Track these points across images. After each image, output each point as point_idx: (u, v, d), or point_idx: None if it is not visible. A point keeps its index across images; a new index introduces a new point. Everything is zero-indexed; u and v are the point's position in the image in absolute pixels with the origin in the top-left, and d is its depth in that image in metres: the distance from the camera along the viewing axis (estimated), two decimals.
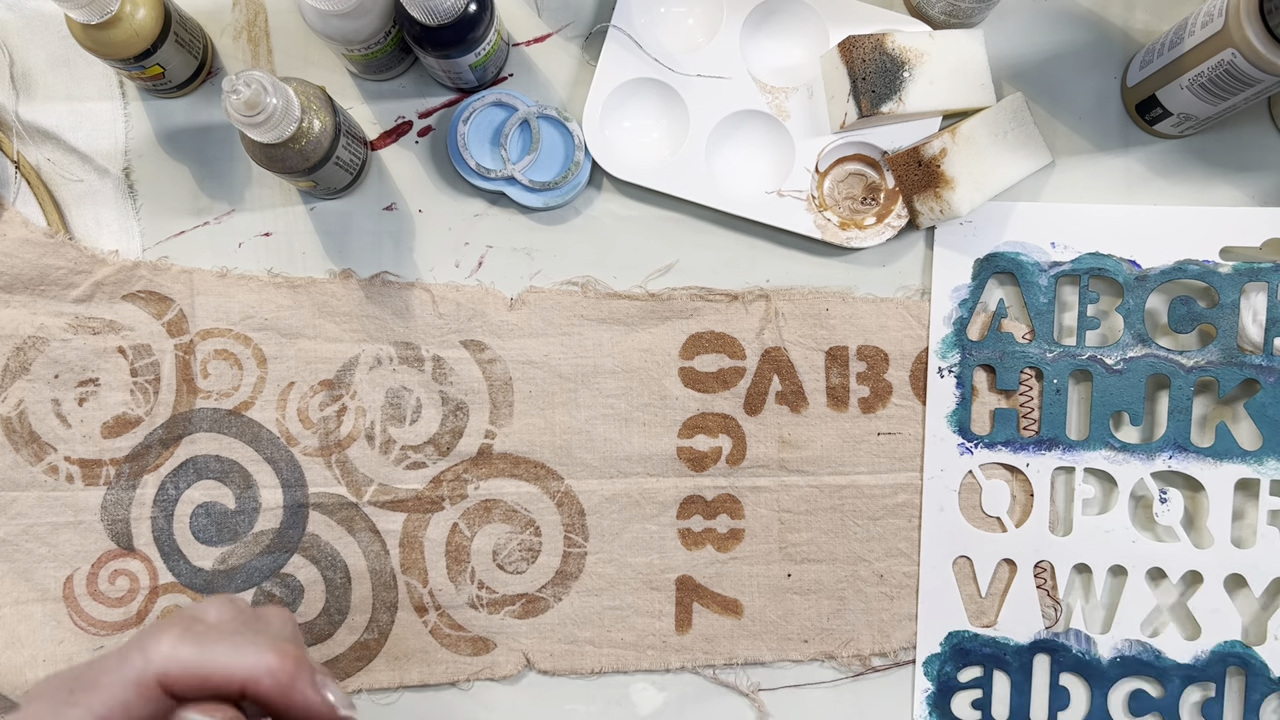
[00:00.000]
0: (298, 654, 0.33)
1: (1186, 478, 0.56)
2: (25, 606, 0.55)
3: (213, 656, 0.32)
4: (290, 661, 0.32)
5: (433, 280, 0.56)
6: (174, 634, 0.32)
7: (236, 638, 0.33)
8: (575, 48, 0.57)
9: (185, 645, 0.32)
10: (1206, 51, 0.49)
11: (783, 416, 0.56)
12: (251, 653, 0.32)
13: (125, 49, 0.49)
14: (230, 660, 0.32)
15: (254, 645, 0.33)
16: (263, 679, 0.32)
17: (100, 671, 0.32)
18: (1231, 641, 0.55)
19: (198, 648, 0.32)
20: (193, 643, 0.32)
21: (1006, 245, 0.56)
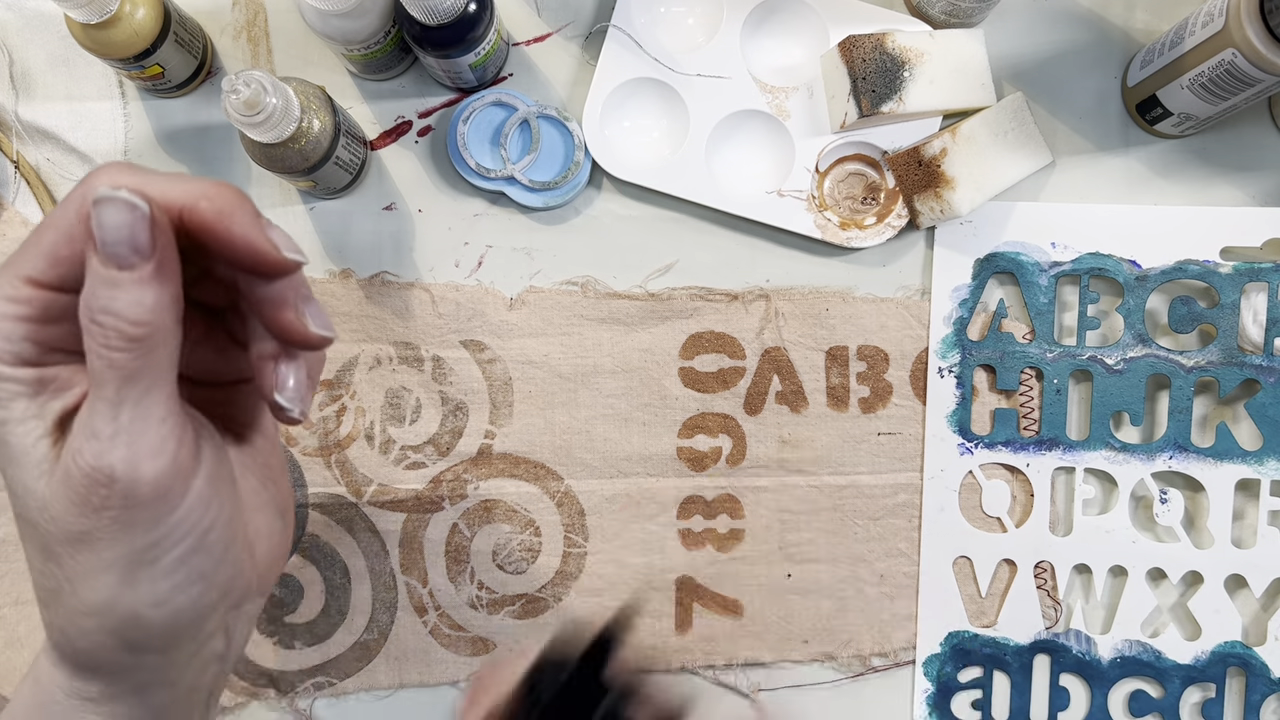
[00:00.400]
0: (241, 192, 0.31)
1: (1187, 478, 0.56)
2: (26, 606, 0.55)
3: (151, 181, 0.30)
4: (231, 191, 0.31)
5: (432, 280, 0.56)
6: (112, 167, 0.31)
7: (177, 174, 0.32)
8: (575, 47, 0.57)
9: (124, 174, 0.30)
10: (1207, 51, 0.48)
11: (783, 416, 0.56)
12: (192, 182, 0.31)
13: (125, 49, 0.49)
14: (168, 186, 0.30)
15: (196, 179, 0.31)
16: (200, 203, 0.30)
17: (47, 219, 0.31)
18: (1232, 642, 0.55)
19: (137, 176, 0.30)
20: (132, 173, 0.31)
21: (1007, 245, 0.56)
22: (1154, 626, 0.56)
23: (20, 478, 0.32)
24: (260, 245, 0.31)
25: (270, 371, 0.34)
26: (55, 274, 0.31)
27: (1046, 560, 0.56)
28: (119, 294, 0.29)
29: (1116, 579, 0.56)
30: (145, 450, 0.30)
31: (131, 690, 0.35)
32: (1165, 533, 0.56)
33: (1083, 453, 0.55)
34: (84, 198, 0.30)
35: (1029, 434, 0.56)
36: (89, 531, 0.31)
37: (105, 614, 0.32)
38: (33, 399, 0.32)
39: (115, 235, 0.29)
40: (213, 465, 0.33)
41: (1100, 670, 0.55)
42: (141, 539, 0.31)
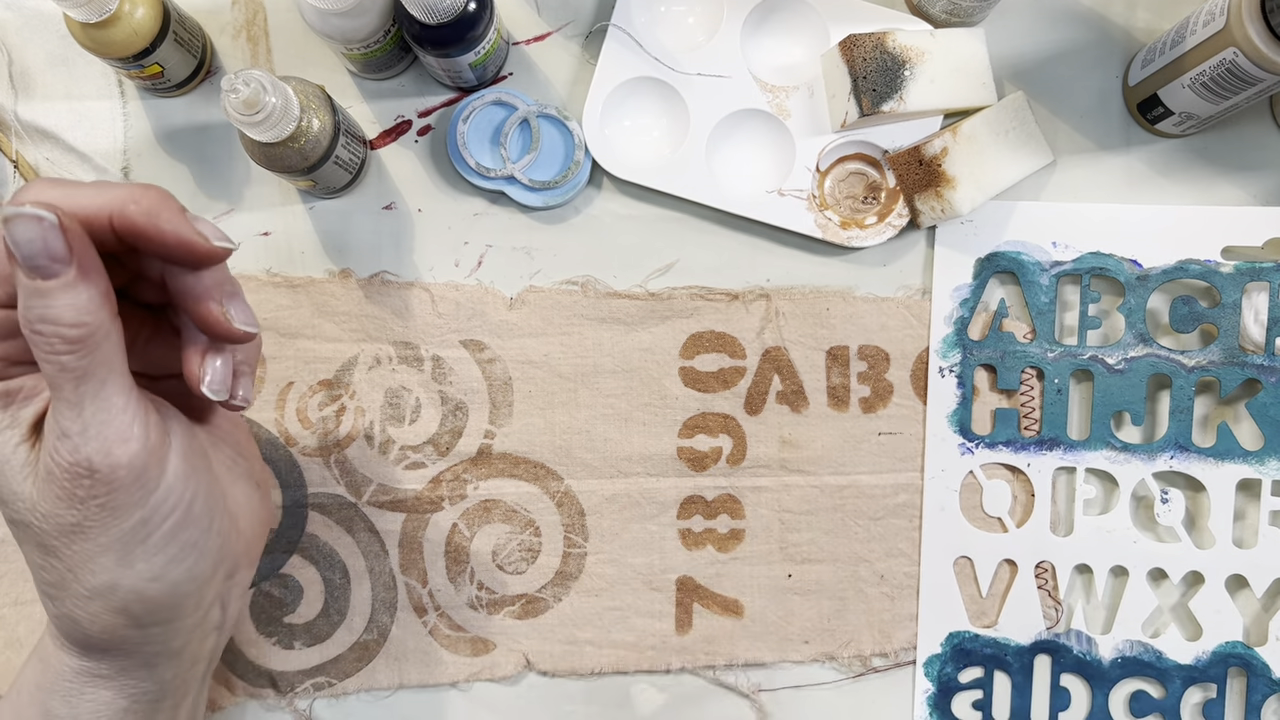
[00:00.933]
0: (166, 192, 0.33)
1: (1188, 478, 0.56)
2: (25, 607, 0.55)
3: (78, 193, 0.32)
4: (156, 192, 0.32)
5: (432, 280, 0.56)
6: (39, 183, 0.32)
7: (103, 183, 0.33)
8: (575, 46, 0.56)
9: (51, 189, 0.32)
10: (1208, 50, 0.48)
11: (783, 416, 0.56)
12: (119, 188, 0.32)
13: (124, 48, 0.49)
14: (94, 195, 0.32)
15: (122, 185, 0.32)
16: (127, 206, 0.31)
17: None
18: (1233, 642, 0.55)
19: (64, 190, 0.32)
20: (55, 187, 0.32)
21: (1008, 245, 0.56)
22: (1155, 627, 0.56)
23: (6, 483, 0.33)
24: (189, 237, 0.32)
25: (197, 364, 0.35)
26: (4, 292, 0.32)
27: (1047, 560, 0.56)
28: (50, 301, 0.31)
29: (1117, 579, 0.56)
30: (114, 438, 0.32)
31: (140, 664, 0.37)
32: (1166, 533, 0.56)
33: (1084, 452, 0.55)
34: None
35: (1030, 434, 0.56)
36: (79, 522, 0.32)
37: (109, 595, 0.34)
38: (4, 410, 0.33)
39: (31, 248, 0.30)
40: (184, 442, 0.35)
41: (1101, 670, 0.55)
42: (129, 520, 0.33)
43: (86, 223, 0.31)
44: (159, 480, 0.33)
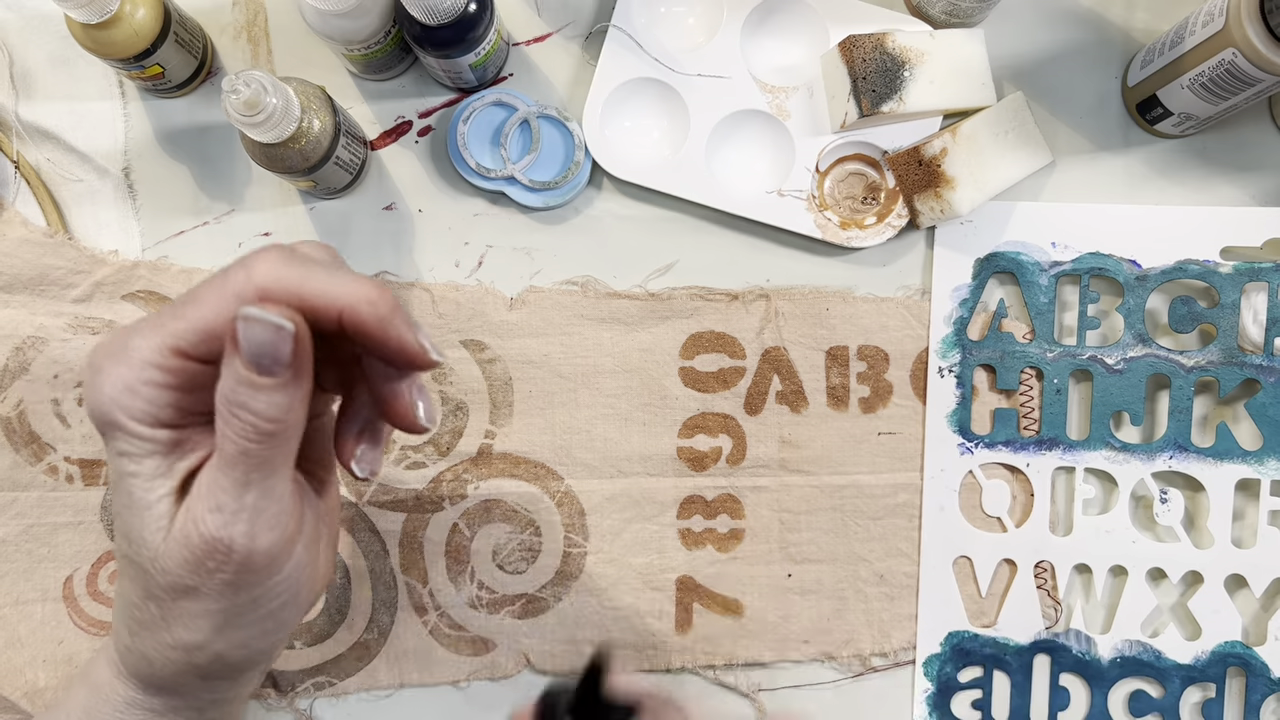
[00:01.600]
0: (391, 296, 0.33)
1: (1187, 478, 0.56)
2: (26, 607, 0.55)
3: (314, 279, 0.32)
4: (389, 296, 0.32)
5: (432, 280, 0.56)
6: (276, 255, 0.32)
7: (335, 268, 0.33)
8: (575, 47, 0.57)
9: (288, 267, 0.32)
10: (1207, 51, 0.48)
11: (783, 416, 0.56)
12: (351, 282, 0.32)
13: (125, 49, 0.49)
14: (330, 286, 0.32)
15: (353, 277, 0.33)
16: (361, 306, 0.32)
17: (204, 289, 0.32)
18: (1232, 642, 0.55)
19: (301, 270, 0.32)
20: (295, 265, 0.32)
21: (1007, 245, 0.56)
22: (1154, 626, 0.56)
23: (137, 528, 0.33)
24: (412, 347, 0.33)
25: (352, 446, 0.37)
26: (203, 349, 0.32)
27: (1046, 560, 0.56)
28: (258, 395, 0.31)
29: (1116, 579, 0.56)
30: (263, 525, 0.33)
31: (193, 706, 0.38)
32: (1165, 532, 0.56)
33: (1083, 452, 0.55)
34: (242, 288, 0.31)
35: (1029, 434, 0.56)
36: (197, 587, 0.33)
37: (194, 653, 0.35)
38: (164, 458, 0.33)
39: (259, 350, 0.31)
40: (310, 527, 0.36)
41: (1100, 670, 0.55)
42: (245, 597, 0.34)
43: (316, 312, 0.32)
44: (284, 566, 0.34)
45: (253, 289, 0.31)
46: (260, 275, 0.31)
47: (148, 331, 0.32)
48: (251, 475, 0.32)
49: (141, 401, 0.32)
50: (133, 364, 0.32)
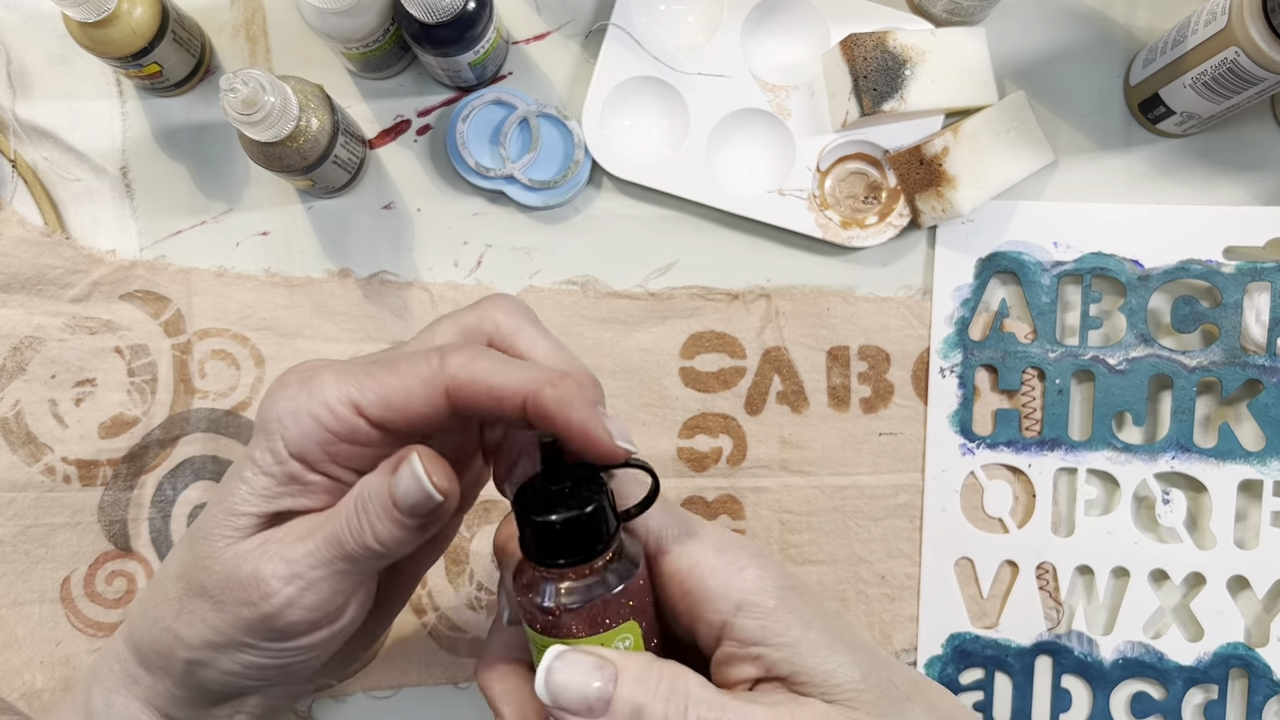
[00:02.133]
0: (581, 377, 0.33)
1: (1189, 479, 0.55)
2: (24, 608, 0.55)
3: (500, 373, 0.33)
4: (573, 381, 0.33)
5: (431, 279, 0.56)
6: (470, 350, 0.33)
7: (520, 362, 0.34)
8: (575, 46, 0.56)
9: (479, 359, 0.33)
10: (1209, 50, 0.48)
11: (783, 416, 0.56)
12: (537, 370, 0.33)
13: (123, 47, 0.49)
14: (513, 378, 0.33)
15: (538, 370, 0.33)
16: (544, 390, 0.32)
17: (399, 359, 0.34)
18: (1234, 643, 0.55)
19: (490, 363, 0.33)
20: (485, 358, 0.33)
21: (1009, 244, 0.55)
22: (1156, 628, 0.56)
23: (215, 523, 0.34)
24: (596, 435, 0.33)
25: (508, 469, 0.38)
26: (376, 415, 0.33)
27: (1048, 561, 0.55)
28: (385, 519, 0.33)
29: (1118, 580, 0.56)
30: (308, 603, 0.34)
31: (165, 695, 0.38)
32: (1167, 533, 0.56)
33: (1085, 453, 0.55)
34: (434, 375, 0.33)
35: (1031, 434, 0.55)
36: (221, 601, 0.34)
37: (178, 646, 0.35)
38: (278, 485, 0.34)
39: (406, 496, 0.32)
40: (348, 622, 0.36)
41: (1102, 671, 0.55)
42: (247, 637, 0.34)
43: (502, 400, 0.33)
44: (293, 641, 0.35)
45: (444, 377, 0.33)
46: (452, 366, 0.33)
47: (341, 375, 0.33)
48: (335, 562, 0.33)
49: (299, 430, 0.33)
50: (313, 395, 0.33)
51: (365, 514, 0.33)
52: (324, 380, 0.33)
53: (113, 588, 0.55)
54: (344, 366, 0.34)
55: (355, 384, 0.33)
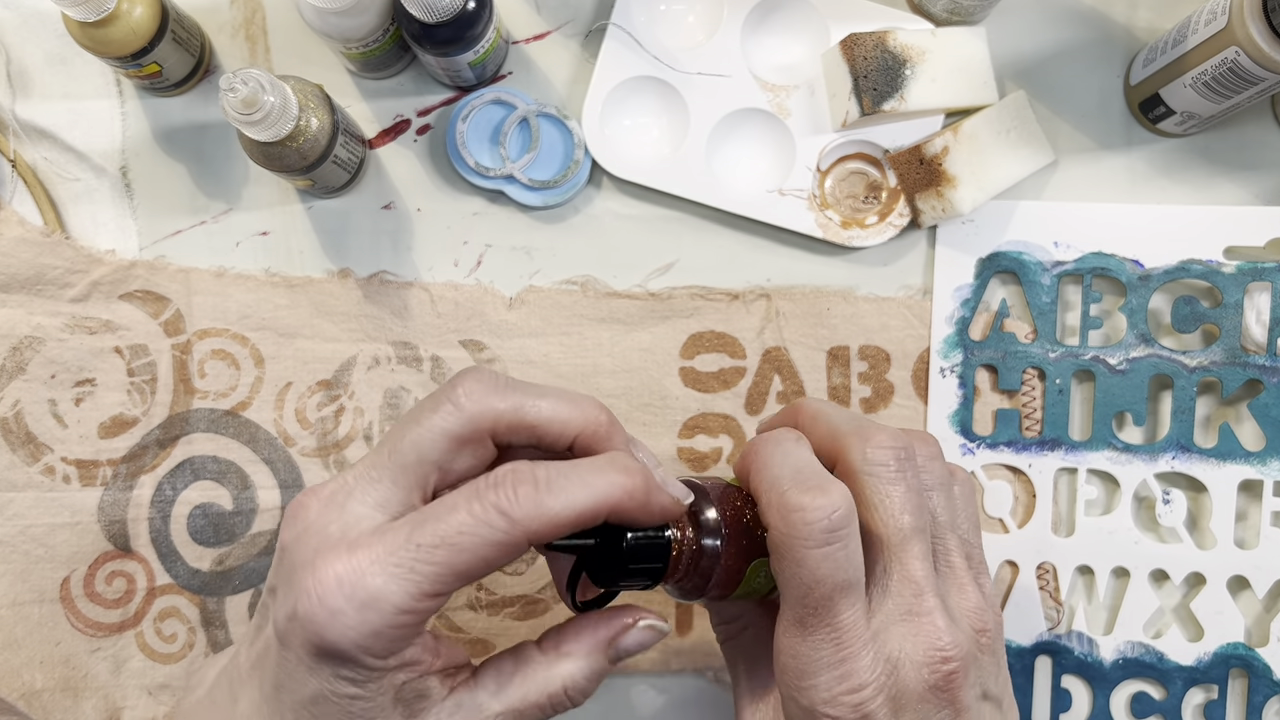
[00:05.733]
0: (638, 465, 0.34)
1: (1189, 479, 0.55)
2: (23, 608, 0.55)
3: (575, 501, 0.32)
4: (640, 475, 0.33)
5: (431, 279, 0.56)
6: (528, 490, 0.32)
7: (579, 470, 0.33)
8: (575, 45, 0.56)
9: (546, 497, 0.32)
10: (1210, 50, 0.48)
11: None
12: (601, 483, 0.33)
13: (122, 47, 0.49)
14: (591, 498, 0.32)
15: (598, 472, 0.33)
16: (624, 502, 0.33)
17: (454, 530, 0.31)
18: (1234, 643, 0.55)
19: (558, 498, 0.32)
20: (551, 493, 0.32)
21: (1009, 244, 0.55)
22: (1156, 628, 0.56)
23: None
24: (671, 509, 0.35)
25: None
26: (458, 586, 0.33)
27: (1048, 561, 0.55)
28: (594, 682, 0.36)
29: (1119, 580, 0.56)
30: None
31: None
32: (1168, 533, 0.56)
33: (1085, 453, 0.55)
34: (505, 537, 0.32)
35: (1031, 434, 0.55)
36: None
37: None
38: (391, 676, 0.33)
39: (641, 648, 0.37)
40: None
41: (1102, 672, 0.55)
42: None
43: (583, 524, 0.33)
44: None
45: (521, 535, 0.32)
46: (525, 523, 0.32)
47: (401, 577, 0.31)
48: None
49: (387, 642, 0.32)
50: (384, 611, 0.31)
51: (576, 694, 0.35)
52: (384, 591, 0.31)
53: (112, 588, 0.55)
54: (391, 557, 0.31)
55: (420, 576, 0.31)
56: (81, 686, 0.55)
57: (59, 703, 0.55)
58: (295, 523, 0.34)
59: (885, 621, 0.36)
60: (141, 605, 0.55)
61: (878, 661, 0.35)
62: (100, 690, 0.55)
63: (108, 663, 0.55)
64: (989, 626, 0.38)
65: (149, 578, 0.55)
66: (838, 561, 0.34)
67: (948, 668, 0.35)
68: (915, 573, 0.37)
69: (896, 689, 0.35)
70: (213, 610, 0.55)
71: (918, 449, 0.40)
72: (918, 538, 0.37)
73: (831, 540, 0.34)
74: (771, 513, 0.35)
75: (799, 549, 0.34)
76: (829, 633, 0.35)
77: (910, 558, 0.37)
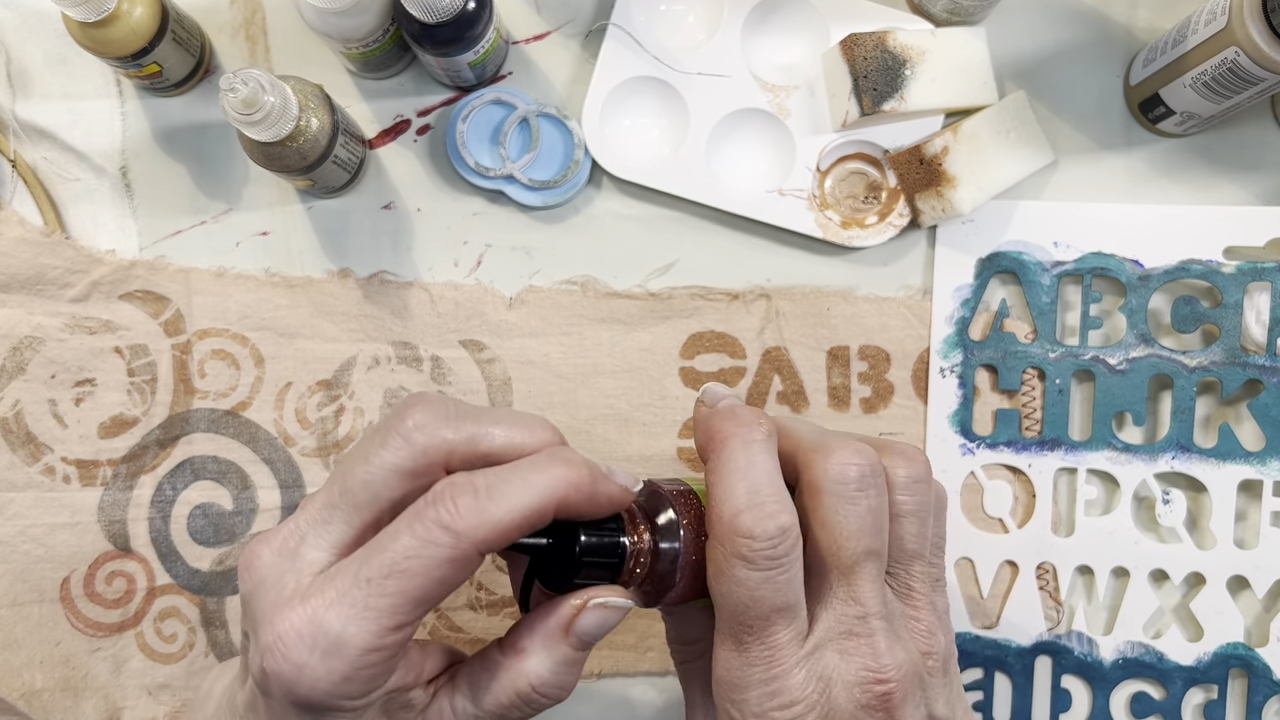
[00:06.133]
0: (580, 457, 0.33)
1: (1189, 479, 0.55)
2: (23, 608, 0.55)
3: (517, 504, 0.31)
4: (583, 466, 0.33)
5: (431, 279, 0.56)
6: (468, 500, 0.31)
7: (518, 471, 0.32)
8: (575, 45, 0.56)
9: (487, 504, 0.31)
10: (1209, 50, 0.48)
11: None
12: (542, 479, 0.32)
13: (122, 47, 0.49)
14: (533, 498, 0.32)
15: (538, 469, 0.32)
16: (570, 495, 0.32)
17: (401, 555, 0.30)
18: (1234, 643, 0.55)
19: (500, 504, 0.31)
20: (491, 499, 0.31)
21: (1009, 244, 0.55)
22: (1156, 628, 0.56)
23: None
24: (619, 497, 0.34)
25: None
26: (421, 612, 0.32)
27: (1048, 561, 0.55)
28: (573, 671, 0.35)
29: (1118, 580, 0.56)
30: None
31: None
32: (1168, 533, 0.56)
33: (1085, 453, 0.55)
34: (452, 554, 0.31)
35: (1031, 434, 0.55)
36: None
37: None
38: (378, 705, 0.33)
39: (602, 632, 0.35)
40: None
41: (1102, 672, 0.55)
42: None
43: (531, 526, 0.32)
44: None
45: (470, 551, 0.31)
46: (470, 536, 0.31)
47: (357, 617, 0.30)
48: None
49: (359, 685, 0.31)
50: (348, 656, 0.30)
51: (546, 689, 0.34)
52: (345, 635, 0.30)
53: (112, 588, 0.55)
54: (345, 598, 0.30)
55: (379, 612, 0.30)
56: (81, 686, 0.55)
57: (59, 703, 0.55)
58: (251, 574, 0.33)
59: (823, 639, 0.36)
60: (141, 605, 0.55)
61: (810, 679, 0.35)
62: (100, 690, 0.55)
63: (108, 663, 0.55)
64: (936, 649, 0.37)
65: (149, 578, 0.55)
66: (777, 586, 0.34)
67: (881, 689, 0.35)
68: (863, 594, 0.36)
69: (828, 707, 0.35)
70: (213, 610, 0.55)
71: (898, 469, 0.38)
72: (870, 561, 0.36)
73: (772, 567, 0.34)
74: (718, 526, 0.35)
75: (738, 569, 0.34)
76: (762, 650, 0.35)
77: (859, 580, 0.36)
